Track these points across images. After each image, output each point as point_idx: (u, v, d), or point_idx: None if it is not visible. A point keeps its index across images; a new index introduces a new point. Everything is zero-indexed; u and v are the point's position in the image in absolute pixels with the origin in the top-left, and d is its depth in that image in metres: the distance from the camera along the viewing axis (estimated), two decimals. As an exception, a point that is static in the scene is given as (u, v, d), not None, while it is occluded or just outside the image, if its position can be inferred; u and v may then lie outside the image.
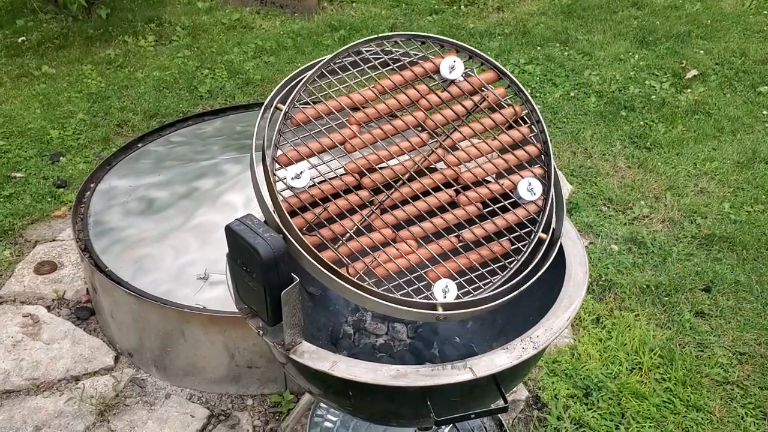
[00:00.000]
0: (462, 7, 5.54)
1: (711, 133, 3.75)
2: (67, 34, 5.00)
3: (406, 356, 1.81)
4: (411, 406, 1.36)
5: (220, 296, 2.17)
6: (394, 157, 1.42)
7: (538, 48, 4.76)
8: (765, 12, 5.30)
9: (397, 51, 1.48)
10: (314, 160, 1.39)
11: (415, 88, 1.44)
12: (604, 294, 2.69)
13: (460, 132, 1.45)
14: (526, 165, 1.46)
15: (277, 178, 1.34)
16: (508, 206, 1.43)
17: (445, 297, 1.34)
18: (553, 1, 5.61)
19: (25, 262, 2.81)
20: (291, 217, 1.29)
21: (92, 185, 2.72)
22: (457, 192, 1.43)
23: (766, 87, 4.19)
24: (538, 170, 1.45)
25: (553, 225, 1.46)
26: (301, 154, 1.37)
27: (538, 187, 1.42)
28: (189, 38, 5.00)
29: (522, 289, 1.35)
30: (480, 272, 1.40)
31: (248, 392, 2.30)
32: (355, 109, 1.43)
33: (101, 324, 2.53)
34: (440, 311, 1.30)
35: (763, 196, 3.23)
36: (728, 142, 3.68)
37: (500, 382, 1.29)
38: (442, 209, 1.42)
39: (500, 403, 1.32)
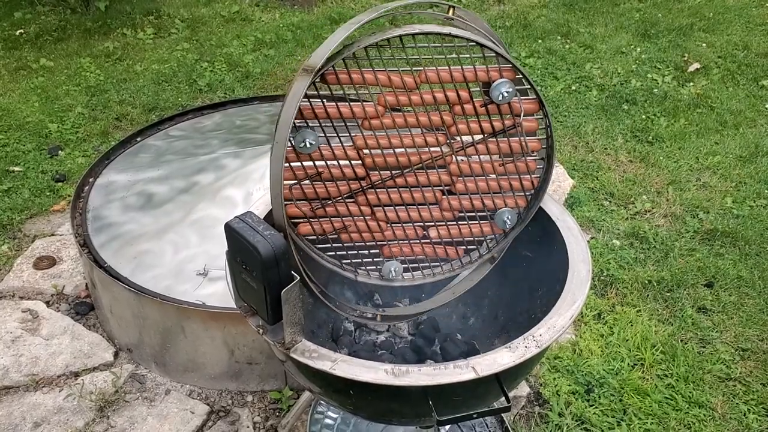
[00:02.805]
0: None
1: (713, 127, 3.73)
2: (65, 26, 4.98)
3: (407, 354, 1.80)
4: (412, 406, 1.34)
5: (219, 292, 2.15)
6: (403, 147, 1.42)
7: (540, 41, 4.73)
8: None
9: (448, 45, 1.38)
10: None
11: (458, 92, 1.37)
12: (605, 289, 2.68)
13: (476, 147, 1.43)
14: (515, 194, 1.51)
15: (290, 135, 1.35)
16: (480, 220, 1.55)
17: (391, 275, 1.58)
18: (555, -7, 5.58)
19: (24, 257, 2.79)
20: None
21: (91, 179, 2.70)
22: (443, 194, 1.51)
23: (768, 80, 4.18)
24: (522, 203, 1.53)
25: (498, 254, 1.61)
26: (315, 113, 1.35)
27: (512, 220, 1.54)
28: (188, 31, 4.98)
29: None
30: (427, 266, 1.63)
31: (248, 388, 2.29)
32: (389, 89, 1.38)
33: (100, 319, 2.52)
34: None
35: (766, 191, 3.22)
36: (731, 136, 3.66)
37: (503, 380, 1.28)
38: (427, 201, 1.51)
39: (503, 401, 1.30)
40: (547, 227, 1.58)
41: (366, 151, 1.42)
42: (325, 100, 1.33)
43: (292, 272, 1.21)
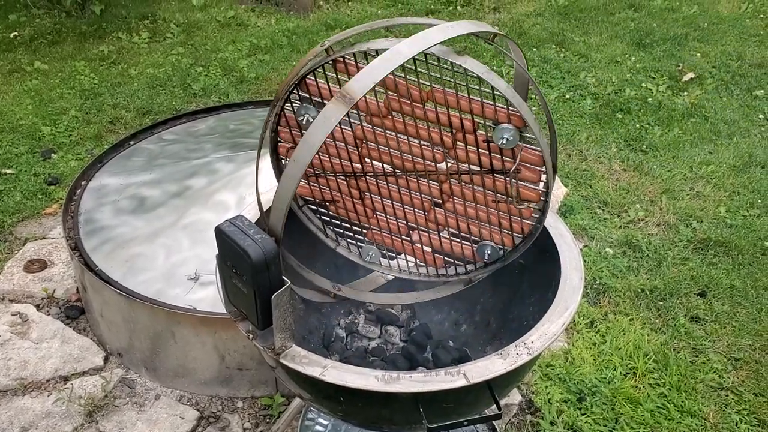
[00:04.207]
0: (458, 7, 5.52)
1: (707, 137, 3.74)
2: (60, 29, 4.97)
3: (398, 360, 1.79)
4: (403, 413, 1.34)
5: (210, 297, 2.14)
6: (400, 152, 1.41)
7: (534, 49, 4.74)
8: (761, 15, 5.30)
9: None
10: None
11: (461, 120, 1.32)
12: (598, 298, 2.67)
13: (471, 177, 1.39)
14: (503, 232, 1.47)
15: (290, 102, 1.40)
16: (463, 242, 1.53)
17: (368, 259, 1.64)
18: (550, 2, 5.60)
19: (15, 259, 2.77)
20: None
21: (83, 183, 2.69)
22: (432, 205, 1.50)
23: (762, 90, 4.19)
24: (507, 243, 1.48)
25: (475, 277, 1.59)
26: (320, 92, 1.37)
27: (493, 256, 1.50)
28: (183, 35, 4.97)
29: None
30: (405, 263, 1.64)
31: (239, 394, 2.27)
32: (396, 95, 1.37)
33: (91, 323, 2.50)
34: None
35: (759, 201, 3.22)
36: (724, 145, 3.67)
37: (494, 388, 1.27)
38: (415, 207, 1.51)
39: (494, 409, 1.30)
40: (539, 234, 1.58)
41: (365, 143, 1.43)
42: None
43: (283, 277, 1.20)
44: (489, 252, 1.49)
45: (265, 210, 1.51)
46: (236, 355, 2.16)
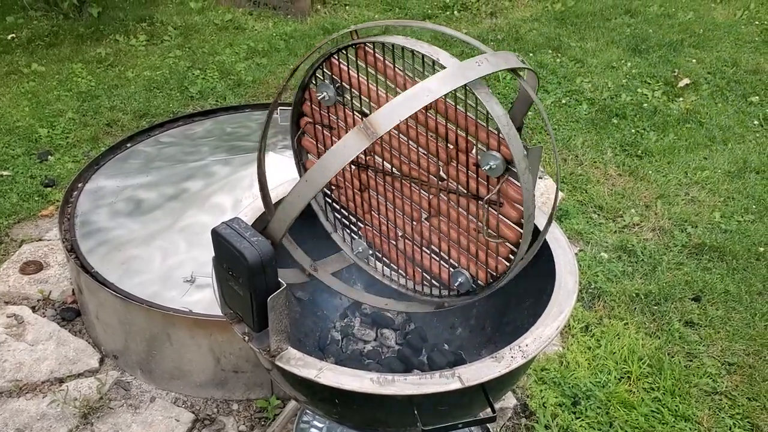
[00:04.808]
0: (455, 12, 5.54)
1: (702, 142, 3.76)
2: (57, 32, 4.97)
3: (394, 363, 1.80)
4: (398, 415, 1.34)
5: (206, 299, 2.14)
6: (399, 153, 1.43)
7: (531, 54, 4.76)
8: (756, 22, 5.32)
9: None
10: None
11: (457, 136, 1.29)
12: (593, 302, 2.68)
13: (458, 198, 1.37)
14: (479, 264, 1.41)
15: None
16: (441, 263, 1.50)
17: (357, 253, 1.66)
18: (547, 7, 5.62)
19: (11, 261, 2.77)
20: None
21: (80, 185, 2.69)
22: (421, 217, 1.48)
23: (756, 97, 4.21)
24: (481, 277, 1.42)
25: (447, 304, 1.54)
26: (340, 74, 1.40)
27: (464, 286, 1.45)
28: (181, 38, 4.98)
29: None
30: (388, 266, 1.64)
31: (234, 397, 2.27)
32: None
33: (87, 325, 2.50)
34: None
35: (754, 206, 3.24)
36: (719, 151, 3.68)
37: (489, 391, 1.28)
38: (405, 214, 1.50)
39: (488, 412, 1.30)
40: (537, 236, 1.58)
41: None
42: (353, 69, 1.37)
43: (279, 279, 1.20)
44: (461, 281, 1.44)
45: (270, 212, 1.54)
46: (232, 358, 2.17)
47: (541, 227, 1.51)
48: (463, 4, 5.65)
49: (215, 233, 1.20)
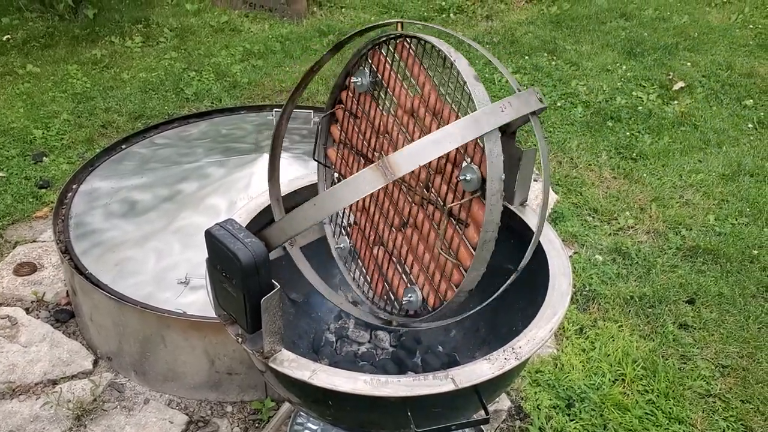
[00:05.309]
0: (451, 15, 5.55)
1: (697, 145, 3.77)
2: (53, 33, 4.96)
3: (388, 365, 1.80)
4: (391, 417, 1.34)
5: (201, 301, 2.14)
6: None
7: (526, 57, 4.77)
8: (751, 26, 5.34)
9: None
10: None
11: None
12: (587, 304, 2.69)
13: (435, 209, 1.34)
14: (433, 285, 1.35)
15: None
16: (402, 276, 1.46)
17: (337, 245, 1.65)
18: (542, 10, 5.63)
19: (5, 262, 2.76)
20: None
21: (74, 186, 2.69)
22: (402, 226, 1.47)
23: (751, 100, 4.22)
24: (430, 302, 1.36)
25: (394, 321, 1.49)
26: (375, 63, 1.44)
27: (413, 305, 1.39)
28: (176, 40, 4.98)
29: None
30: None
31: (228, 399, 2.27)
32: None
33: (80, 327, 2.50)
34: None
35: (748, 209, 3.25)
36: (714, 154, 3.69)
37: (482, 393, 1.28)
38: (387, 219, 1.48)
39: (482, 414, 1.30)
40: (528, 240, 1.58)
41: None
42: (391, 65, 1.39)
43: (273, 281, 1.20)
44: (411, 299, 1.38)
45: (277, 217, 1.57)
46: (226, 360, 2.16)
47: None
48: (459, 6, 5.66)
49: (209, 234, 1.20)
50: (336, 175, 1.66)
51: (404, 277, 1.45)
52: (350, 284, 1.64)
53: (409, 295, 1.39)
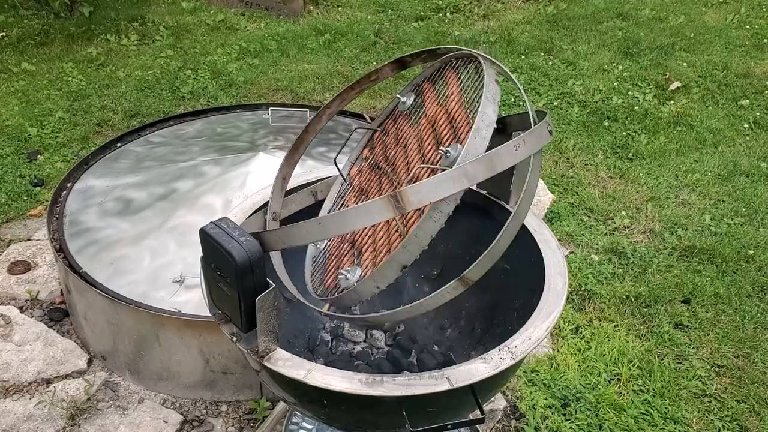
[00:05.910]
0: (448, 14, 5.54)
1: (693, 145, 3.77)
2: (48, 31, 4.94)
3: (383, 364, 1.79)
4: (387, 416, 1.33)
5: (195, 300, 2.13)
6: (397, 139, 1.45)
7: (523, 57, 4.76)
8: (747, 26, 5.35)
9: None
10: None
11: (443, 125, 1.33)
12: (583, 304, 2.68)
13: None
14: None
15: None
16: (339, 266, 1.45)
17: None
18: (539, 10, 5.63)
19: (-2, 261, 2.75)
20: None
21: (69, 184, 2.68)
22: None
23: (747, 100, 4.23)
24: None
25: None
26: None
27: (348, 280, 1.35)
28: (172, 38, 4.96)
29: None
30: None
31: (223, 398, 2.26)
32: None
33: (75, 326, 2.49)
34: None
35: (744, 209, 3.25)
36: (710, 154, 3.70)
37: (477, 392, 1.27)
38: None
39: (477, 413, 1.30)
40: (524, 239, 1.58)
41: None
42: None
43: (268, 280, 1.20)
44: (347, 276, 1.33)
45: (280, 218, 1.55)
46: (221, 359, 2.16)
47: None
48: (455, 6, 5.66)
49: (203, 233, 1.19)
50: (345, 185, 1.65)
51: (355, 261, 1.42)
52: (305, 272, 1.58)
53: (348, 272, 1.34)
